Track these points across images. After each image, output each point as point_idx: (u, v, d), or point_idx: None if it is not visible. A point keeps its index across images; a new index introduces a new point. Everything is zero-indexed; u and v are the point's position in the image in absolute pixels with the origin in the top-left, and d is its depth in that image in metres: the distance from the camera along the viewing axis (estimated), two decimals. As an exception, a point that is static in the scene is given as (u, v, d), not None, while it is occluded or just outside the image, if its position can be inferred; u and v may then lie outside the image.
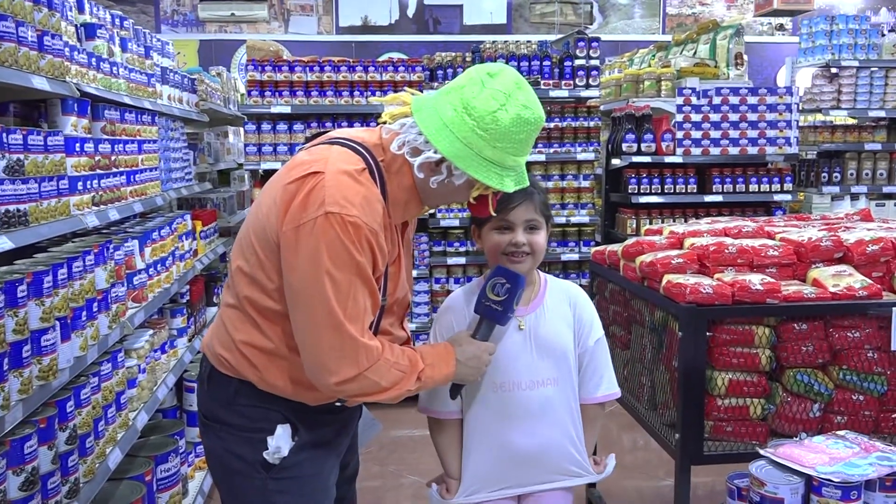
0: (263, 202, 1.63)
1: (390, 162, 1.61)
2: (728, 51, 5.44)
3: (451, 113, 1.55)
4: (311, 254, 1.50)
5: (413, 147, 1.57)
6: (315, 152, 1.62)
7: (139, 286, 2.76)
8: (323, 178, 1.51)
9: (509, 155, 1.58)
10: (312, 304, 1.51)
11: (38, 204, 1.97)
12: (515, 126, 1.56)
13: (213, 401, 1.71)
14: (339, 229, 1.48)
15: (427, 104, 1.60)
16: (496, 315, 1.79)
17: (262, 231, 1.59)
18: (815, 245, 2.50)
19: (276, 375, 1.63)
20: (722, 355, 2.33)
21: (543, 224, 1.91)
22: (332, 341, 1.52)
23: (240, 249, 1.67)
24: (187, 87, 4.03)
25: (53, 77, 2.14)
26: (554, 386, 1.92)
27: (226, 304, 1.70)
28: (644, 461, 3.95)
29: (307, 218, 1.49)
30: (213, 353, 1.70)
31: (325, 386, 1.56)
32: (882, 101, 5.50)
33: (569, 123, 5.03)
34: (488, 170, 1.56)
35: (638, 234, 4.65)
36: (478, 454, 1.94)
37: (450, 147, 1.54)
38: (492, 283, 1.79)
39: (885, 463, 1.89)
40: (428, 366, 1.67)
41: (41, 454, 1.87)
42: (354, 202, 1.50)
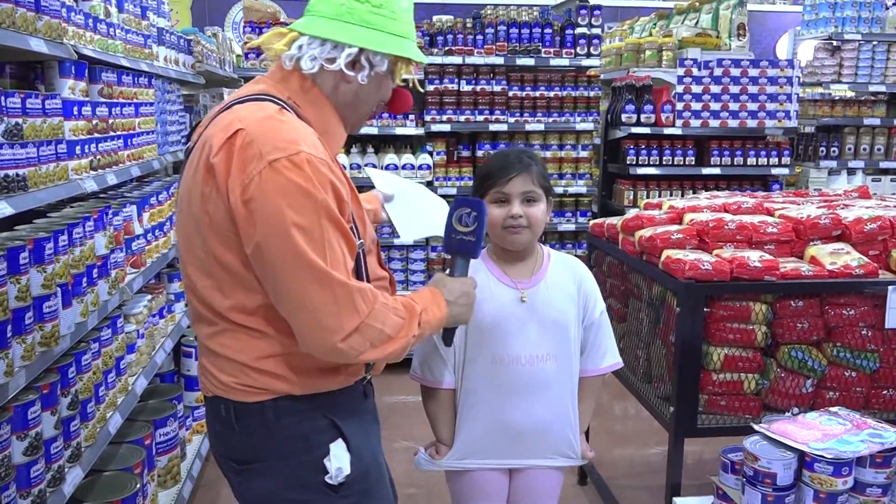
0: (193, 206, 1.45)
1: (297, 92, 1.51)
2: (731, 21, 5.39)
3: (339, 8, 1.48)
4: (269, 213, 1.34)
5: (325, 58, 1.48)
6: (220, 121, 1.45)
7: (138, 251, 2.75)
8: (245, 133, 1.37)
9: (407, 24, 1.55)
10: (288, 265, 1.35)
11: (37, 168, 1.95)
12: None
13: (252, 437, 1.51)
14: (291, 173, 1.34)
15: (308, 18, 1.52)
16: (470, 247, 1.69)
17: (211, 231, 1.42)
18: (813, 223, 2.52)
19: (304, 374, 1.49)
20: (718, 331, 2.35)
21: (542, 196, 1.89)
22: (323, 296, 1.36)
23: (196, 268, 1.48)
24: (183, 48, 3.96)
25: (51, 39, 2.10)
26: (553, 362, 1.92)
27: (209, 337, 1.51)
28: (635, 430, 4.01)
29: (250, 177, 1.34)
30: (229, 388, 1.50)
31: (331, 348, 1.40)
32: (883, 76, 5.48)
33: (569, 93, 4.99)
34: (402, 44, 1.52)
35: (635, 205, 4.65)
36: (471, 425, 1.94)
37: (360, 35, 1.48)
38: (457, 215, 1.69)
39: (877, 440, 1.93)
40: (423, 310, 1.55)
41: (44, 419, 1.88)
42: (292, 139, 1.38)
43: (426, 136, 4.93)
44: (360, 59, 1.50)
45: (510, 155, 1.91)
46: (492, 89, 4.88)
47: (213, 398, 1.55)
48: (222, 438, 1.56)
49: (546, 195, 1.91)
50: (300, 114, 1.49)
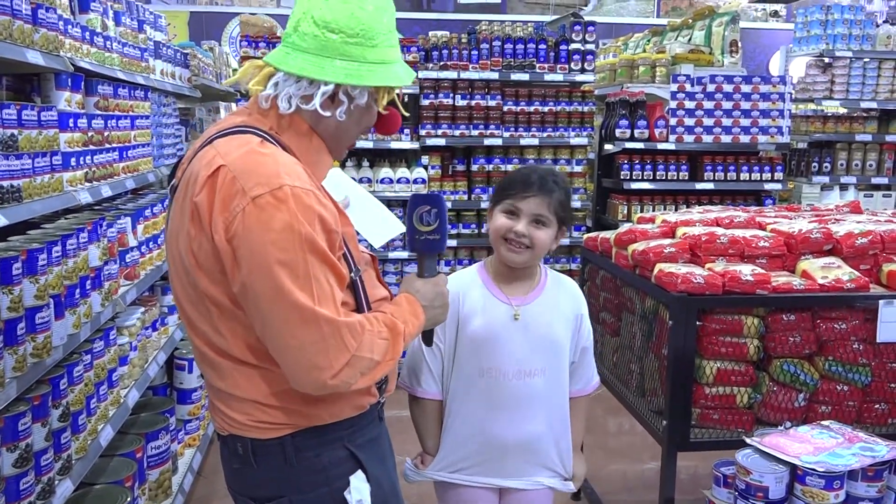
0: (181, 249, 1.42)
1: (278, 126, 1.46)
2: (723, 38, 5.44)
3: (314, 40, 1.42)
4: (252, 251, 1.30)
5: (300, 97, 1.43)
6: (201, 158, 1.40)
7: (131, 263, 2.75)
8: (227, 170, 1.33)
9: (389, 48, 1.48)
10: (274, 305, 1.32)
11: (32, 180, 1.96)
12: (376, 17, 1.45)
13: (272, 473, 1.48)
14: (273, 209, 1.30)
15: (282, 53, 1.45)
16: (435, 245, 1.64)
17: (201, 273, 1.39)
18: (805, 237, 2.53)
19: (318, 406, 1.46)
20: (711, 344, 2.36)
21: (553, 223, 1.85)
22: (311, 335, 1.33)
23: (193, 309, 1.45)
24: (180, 61, 3.98)
25: (48, 51, 2.12)
26: (542, 377, 1.90)
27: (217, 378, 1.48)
28: (629, 445, 4.00)
29: (233, 214, 1.31)
30: (244, 427, 1.47)
31: (321, 385, 1.37)
32: (874, 93, 5.54)
33: (563, 108, 5.02)
34: (383, 72, 1.45)
35: (629, 219, 4.67)
36: (457, 437, 1.93)
37: (335, 71, 1.41)
38: (417, 214, 1.63)
39: (868, 453, 1.93)
40: (405, 324, 1.52)
41: (35, 431, 1.88)
42: (275, 172, 1.33)
43: (421, 150, 4.95)
44: (337, 94, 1.44)
45: (535, 173, 1.86)
46: (486, 104, 4.91)
47: (228, 437, 1.51)
48: (241, 476, 1.53)
49: (560, 223, 1.87)
50: (283, 144, 1.44)
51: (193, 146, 1.50)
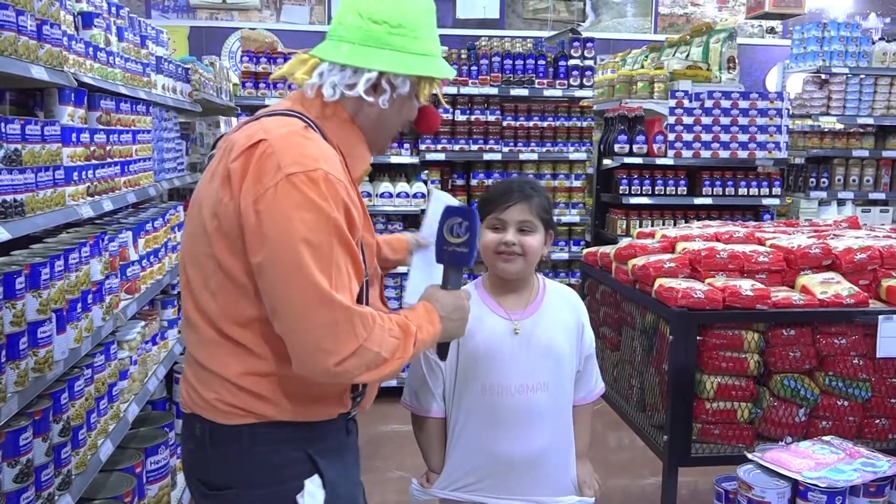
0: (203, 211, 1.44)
1: (322, 114, 1.50)
2: (721, 54, 5.48)
3: (359, 31, 1.47)
4: (279, 225, 1.32)
5: (345, 84, 1.47)
6: (245, 130, 1.45)
7: (132, 277, 2.75)
8: (268, 144, 1.37)
9: (430, 41, 1.53)
10: (293, 281, 1.32)
11: (35, 194, 1.96)
12: (418, 10, 1.51)
13: (225, 461, 1.47)
14: (307, 188, 1.33)
15: (327, 44, 1.50)
16: (463, 258, 1.62)
17: (217, 234, 1.41)
18: (804, 252, 2.54)
19: (288, 397, 1.46)
20: (711, 359, 2.36)
21: (539, 228, 1.87)
22: (324, 318, 1.33)
23: (196, 271, 1.46)
24: (181, 76, 4.00)
25: (52, 67, 2.13)
26: (544, 391, 1.90)
27: (196, 346, 1.48)
28: (629, 460, 3.99)
29: (266, 187, 1.33)
30: (208, 406, 1.47)
31: (325, 370, 1.36)
32: (871, 109, 5.58)
33: (562, 123, 5.05)
34: (424, 62, 1.50)
35: (628, 234, 4.69)
36: (462, 454, 1.92)
37: (380, 58, 1.46)
38: (448, 225, 1.63)
39: (870, 469, 1.93)
40: (418, 329, 1.51)
41: (35, 446, 1.87)
42: (314, 156, 1.37)
43: (421, 164, 4.97)
44: (380, 82, 1.48)
45: (513, 184, 1.90)
46: (486, 119, 4.94)
47: (190, 415, 1.51)
48: (194, 458, 1.53)
49: (546, 228, 1.89)
50: (326, 136, 1.48)
51: (241, 121, 1.55)
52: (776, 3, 7.18)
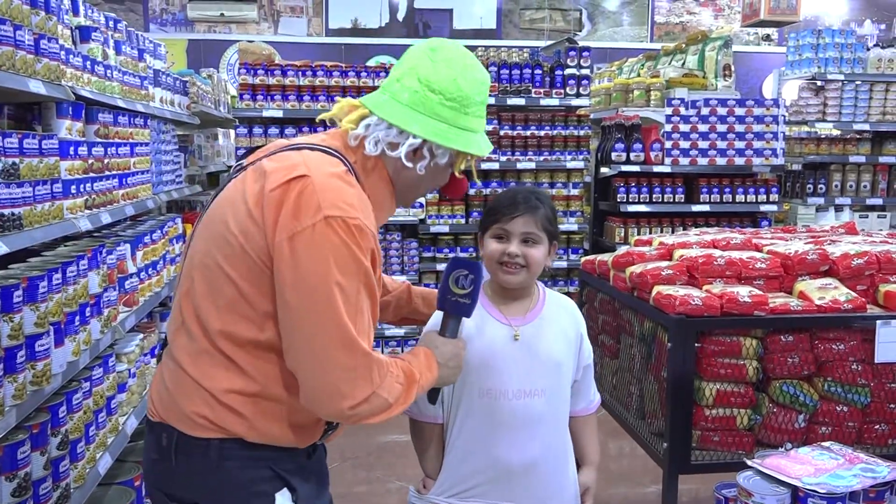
0: (227, 221, 1.44)
1: (362, 164, 1.54)
2: (716, 62, 5.50)
3: (414, 95, 1.51)
4: (315, 264, 1.35)
5: (388, 142, 1.51)
6: (285, 158, 1.47)
7: (131, 290, 2.75)
8: (311, 181, 1.39)
9: (477, 118, 1.58)
10: (321, 321, 1.35)
11: (33, 208, 1.97)
12: (475, 89, 1.56)
13: (190, 474, 1.45)
14: (344, 234, 1.36)
15: (382, 99, 1.53)
16: (465, 308, 1.71)
17: (238, 254, 1.41)
18: (801, 258, 2.55)
19: (265, 421, 1.45)
20: (710, 366, 2.36)
21: (544, 239, 1.87)
22: (345, 361, 1.37)
23: (202, 279, 1.45)
24: (179, 89, 4.02)
25: (49, 81, 2.14)
26: (542, 398, 1.89)
27: (185, 352, 1.47)
28: (630, 468, 3.98)
29: (303, 225, 1.35)
30: (181, 415, 1.44)
31: (337, 412, 1.40)
32: (866, 115, 5.60)
33: (559, 132, 5.07)
34: (467, 139, 1.55)
35: (626, 242, 4.69)
36: (459, 460, 1.91)
37: (427, 127, 1.50)
38: (454, 276, 1.69)
39: (869, 474, 1.93)
40: (419, 375, 1.57)
41: (33, 460, 1.87)
42: (353, 204, 1.40)
43: (419, 174, 4.98)
44: (422, 149, 1.52)
45: (519, 194, 1.90)
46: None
47: (157, 424, 1.48)
48: (157, 468, 1.49)
49: (550, 239, 1.89)
50: (360, 181, 1.51)
51: (278, 143, 1.56)
52: (771, 10, 7.23)
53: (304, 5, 9.69)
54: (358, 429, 1.69)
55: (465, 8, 9.81)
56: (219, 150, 5.57)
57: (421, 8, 9.74)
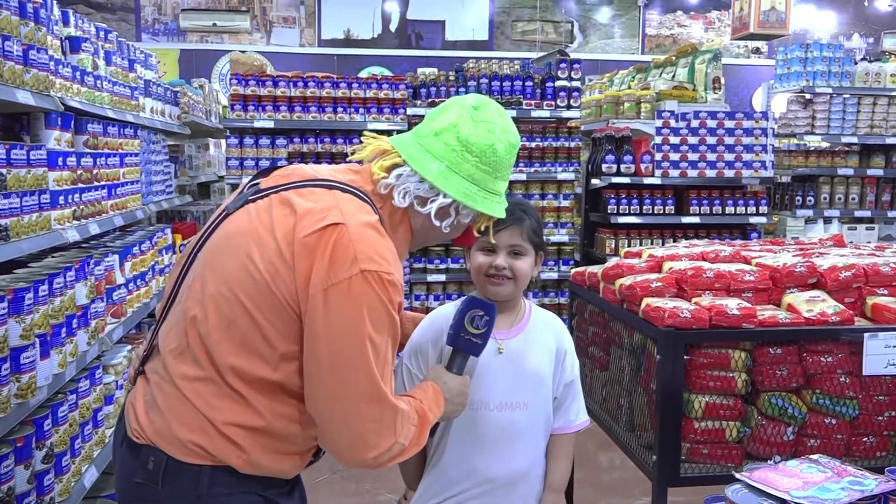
0: (252, 255, 1.39)
1: (390, 214, 1.53)
2: (706, 75, 5.55)
3: (451, 153, 1.51)
4: (349, 319, 1.35)
5: (417, 195, 1.51)
6: (317, 198, 1.43)
7: (118, 301, 2.74)
8: (347, 231, 1.37)
9: (504, 181, 1.60)
10: (352, 375, 1.36)
11: (20, 219, 1.96)
12: (508, 153, 1.58)
13: (175, 500, 1.41)
14: (378, 288, 1.36)
15: (417, 149, 1.52)
16: (476, 348, 1.73)
17: (263, 292, 1.38)
18: (789, 271, 2.55)
19: (263, 455, 1.43)
20: (699, 378, 2.36)
21: (530, 251, 1.88)
22: (373, 414, 1.38)
23: (216, 310, 1.40)
24: (170, 99, 4.02)
25: (38, 91, 2.14)
26: (524, 410, 1.89)
27: (186, 378, 1.41)
28: (620, 480, 3.97)
29: (339, 278, 1.34)
30: (175, 441, 1.40)
31: (360, 461, 1.41)
32: (854, 128, 5.64)
33: (550, 143, 5.09)
34: (492, 201, 1.56)
35: (617, 253, 4.70)
36: (439, 471, 1.91)
37: (459, 188, 1.51)
38: (470, 315, 1.71)
39: (857, 487, 1.93)
40: (429, 412, 1.58)
41: (17, 474, 1.85)
42: (387, 258, 1.40)
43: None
44: (449, 207, 1.53)
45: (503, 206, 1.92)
46: (474, 140, 4.95)
47: (144, 447, 1.42)
48: (140, 492, 1.43)
49: (536, 250, 1.90)
50: (384, 227, 1.49)
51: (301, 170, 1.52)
52: (761, 24, 7.29)
53: (297, 16, 9.71)
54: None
55: (457, 19, 9.86)
56: (210, 161, 5.56)
57: (413, 19, 9.79)
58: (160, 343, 1.48)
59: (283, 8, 9.69)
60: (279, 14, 9.69)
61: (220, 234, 1.48)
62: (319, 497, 3.64)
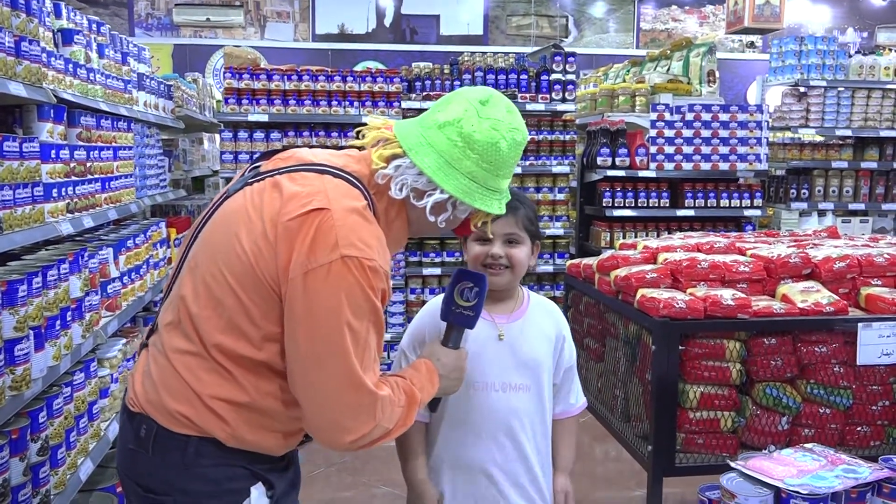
0: (239, 235, 1.42)
1: (386, 206, 1.53)
2: (701, 68, 5.55)
3: (452, 149, 1.49)
4: (328, 305, 1.35)
5: (414, 188, 1.49)
6: (307, 182, 1.44)
7: (113, 294, 2.73)
8: (330, 216, 1.37)
9: (505, 179, 1.58)
10: (329, 361, 1.37)
11: (13, 211, 1.95)
12: (512, 151, 1.54)
13: (165, 468, 1.44)
14: (359, 274, 1.36)
15: (419, 141, 1.50)
16: (469, 321, 1.74)
17: (247, 271, 1.39)
18: (784, 261, 2.56)
19: (247, 429, 1.44)
20: (694, 369, 2.37)
21: (526, 239, 1.89)
22: (350, 400, 1.39)
23: (205, 289, 1.43)
24: (163, 93, 4.00)
25: (30, 83, 2.12)
26: (526, 392, 1.92)
27: (178, 351, 1.44)
28: (616, 472, 3.98)
29: (318, 263, 1.34)
30: (164, 410, 1.43)
31: (339, 445, 1.42)
32: (849, 121, 5.65)
33: (545, 137, 5.08)
34: (491, 198, 1.54)
35: (612, 246, 4.70)
36: (439, 455, 1.92)
37: (457, 185, 1.49)
38: (459, 288, 1.73)
39: (851, 475, 1.94)
40: (420, 392, 1.57)
41: (12, 466, 1.85)
42: (370, 244, 1.39)
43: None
44: (446, 203, 1.51)
45: None
46: (469, 133, 4.95)
47: (138, 415, 1.46)
48: (133, 459, 1.47)
49: (532, 239, 1.91)
50: (378, 217, 1.49)
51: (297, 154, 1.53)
52: (755, 18, 7.30)
53: (291, 11, 9.68)
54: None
55: (451, 14, 9.84)
56: (204, 155, 5.54)
57: (408, 14, 9.76)
58: (160, 318, 1.52)
59: (276, 3, 9.66)
60: (273, 9, 9.66)
61: (218, 214, 1.50)
62: (316, 490, 3.64)
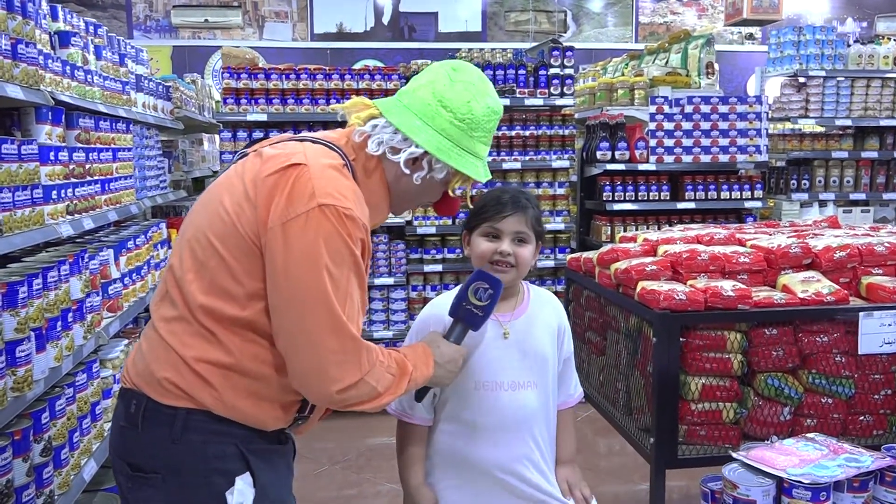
0: (223, 200, 1.48)
1: (362, 163, 1.57)
2: (699, 60, 5.54)
3: (425, 108, 1.56)
4: (306, 250, 1.39)
5: (391, 146, 1.55)
6: (287, 147, 1.52)
7: (114, 295, 2.74)
8: (307, 170, 1.43)
9: (482, 144, 1.62)
10: (310, 305, 1.39)
11: (12, 213, 1.96)
12: (486, 115, 1.60)
13: (154, 444, 1.44)
14: (336, 222, 1.40)
15: (394, 104, 1.59)
16: (476, 320, 1.76)
17: (230, 231, 1.44)
18: (784, 252, 2.56)
19: (235, 395, 1.45)
20: (695, 360, 2.37)
21: (532, 239, 1.90)
22: (334, 345, 1.41)
23: (190, 254, 1.48)
24: (162, 94, 4.01)
25: (28, 85, 2.13)
26: (534, 389, 1.92)
27: (164, 319, 1.48)
28: (620, 465, 3.99)
29: (297, 212, 1.39)
30: (152, 380, 1.45)
31: (325, 395, 1.44)
32: (848, 111, 5.64)
33: (544, 131, 5.08)
34: (467, 160, 1.59)
35: (613, 240, 4.70)
36: (446, 455, 1.91)
37: (431, 140, 1.55)
38: (474, 287, 1.75)
39: (853, 464, 1.94)
40: (414, 367, 1.60)
41: (16, 466, 1.85)
42: (346, 195, 1.43)
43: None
44: (421, 160, 1.57)
45: (507, 193, 1.92)
46: (468, 130, 4.94)
47: (128, 391, 1.49)
48: (123, 436, 1.49)
49: (537, 238, 1.92)
50: (358, 180, 1.54)
51: (285, 136, 1.62)
52: (754, 9, 7.28)
53: (289, 10, 9.67)
54: (346, 431, 1.69)
55: (450, 11, 9.82)
56: (204, 156, 5.55)
57: (406, 11, 9.75)
58: (152, 300, 1.57)
59: (274, 3, 9.66)
60: (271, 9, 9.65)
61: (205, 192, 1.58)
62: (319, 487, 3.65)
